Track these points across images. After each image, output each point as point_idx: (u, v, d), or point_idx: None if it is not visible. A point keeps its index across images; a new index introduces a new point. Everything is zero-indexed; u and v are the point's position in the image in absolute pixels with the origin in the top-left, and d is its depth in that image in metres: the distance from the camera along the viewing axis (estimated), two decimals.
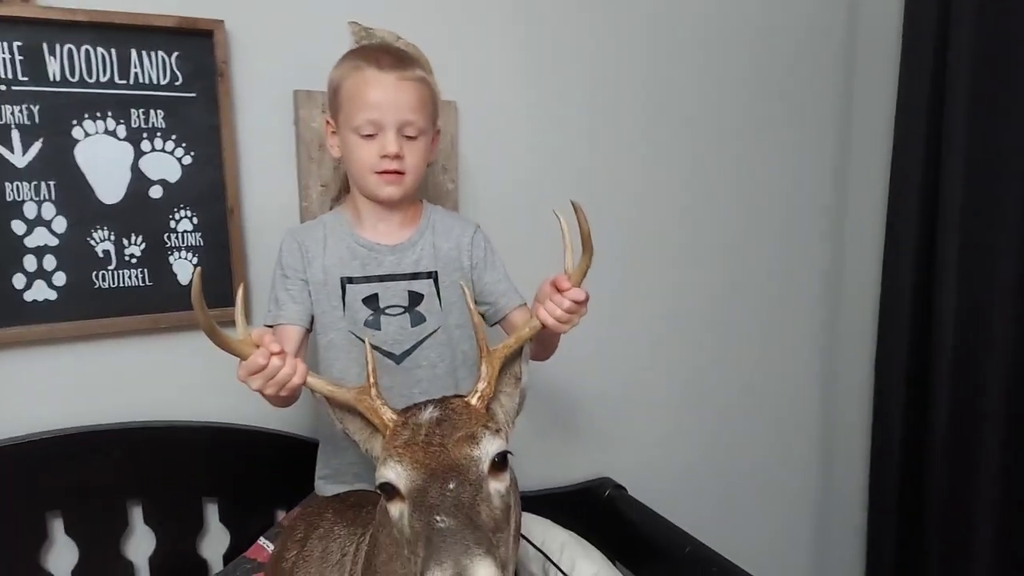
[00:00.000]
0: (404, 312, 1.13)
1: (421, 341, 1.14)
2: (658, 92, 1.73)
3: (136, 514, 1.30)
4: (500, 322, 1.20)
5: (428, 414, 0.79)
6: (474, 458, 0.75)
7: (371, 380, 0.83)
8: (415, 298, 1.14)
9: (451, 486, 0.72)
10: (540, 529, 1.45)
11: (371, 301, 1.13)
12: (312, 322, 1.14)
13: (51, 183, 1.21)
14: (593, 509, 1.72)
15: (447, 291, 1.16)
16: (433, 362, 1.14)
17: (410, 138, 1.10)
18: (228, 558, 1.36)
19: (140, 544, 1.31)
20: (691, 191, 1.81)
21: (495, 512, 0.74)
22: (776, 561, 2.00)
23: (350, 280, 1.12)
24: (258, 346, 0.87)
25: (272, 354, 0.86)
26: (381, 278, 1.13)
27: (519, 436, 0.93)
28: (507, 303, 1.18)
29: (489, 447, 0.76)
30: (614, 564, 1.50)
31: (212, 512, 1.37)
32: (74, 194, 1.22)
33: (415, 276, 1.14)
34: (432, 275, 1.15)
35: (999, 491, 1.71)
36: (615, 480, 1.78)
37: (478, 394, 0.82)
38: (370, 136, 1.08)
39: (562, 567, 1.38)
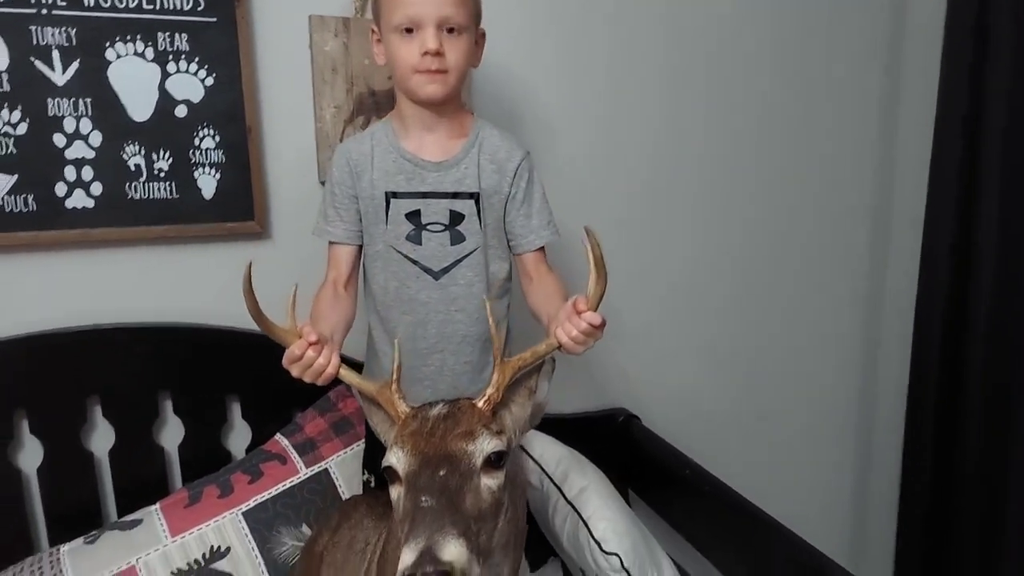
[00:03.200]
0: (445, 230, 1.15)
1: (460, 260, 1.16)
2: (693, 42, 1.71)
3: (167, 406, 1.44)
4: (517, 256, 1.21)
5: (437, 410, 0.85)
6: (467, 451, 0.80)
7: (395, 376, 0.90)
8: (456, 217, 1.15)
9: (441, 472, 0.77)
10: (541, 445, 1.50)
11: (414, 216, 1.15)
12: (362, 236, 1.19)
13: (87, 100, 1.33)
14: (603, 434, 1.75)
15: (488, 212, 1.17)
16: (470, 281, 1.16)
17: (451, 32, 1.08)
18: (250, 452, 1.48)
19: (171, 433, 1.45)
20: (721, 133, 1.79)
21: (482, 504, 0.78)
22: (800, 509, 1.98)
23: (395, 195, 1.15)
24: (300, 336, 0.95)
25: (310, 344, 0.94)
26: (424, 194, 1.15)
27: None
28: (525, 243, 1.19)
29: (485, 444, 0.81)
30: (626, 492, 1.52)
31: (235, 409, 1.49)
32: (108, 111, 1.34)
33: (457, 195, 1.15)
34: (474, 196, 1.16)
35: None
36: (631, 411, 1.80)
37: (485, 398, 0.88)
38: (409, 33, 1.07)
39: (555, 479, 1.43)
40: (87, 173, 1.34)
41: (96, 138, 1.34)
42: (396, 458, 0.81)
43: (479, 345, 1.20)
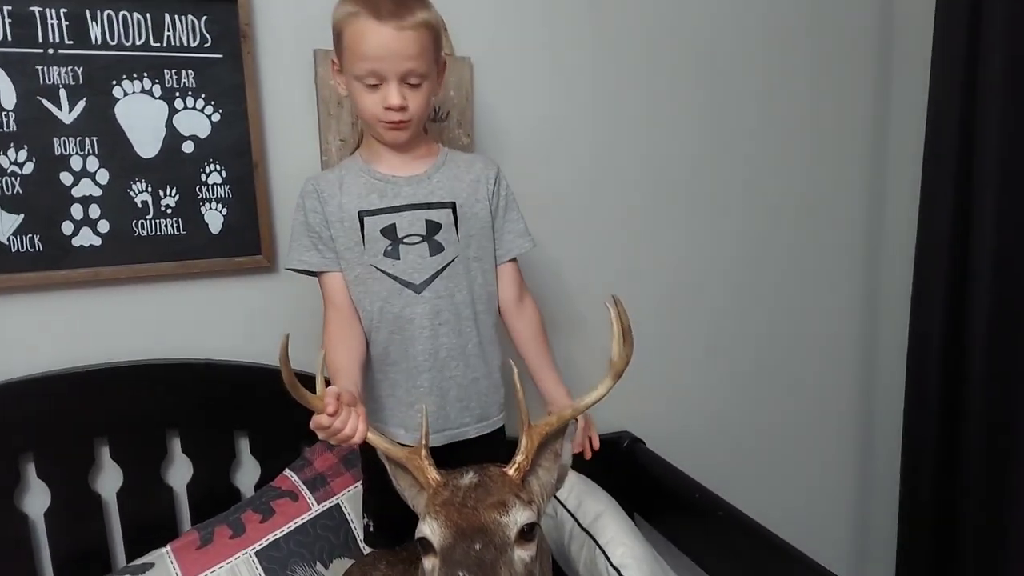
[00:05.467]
0: (422, 241, 1.15)
1: (440, 271, 1.15)
2: (685, 39, 1.74)
3: (175, 444, 1.42)
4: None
5: (468, 479, 0.85)
6: (501, 523, 0.80)
7: (424, 442, 0.91)
8: (433, 227, 1.16)
9: (477, 546, 0.77)
10: None
11: (389, 232, 1.15)
12: None
13: (94, 139, 1.32)
14: (611, 461, 1.75)
15: (466, 222, 1.18)
16: (451, 292, 1.16)
17: (413, 85, 1.11)
18: (258, 488, 1.46)
19: (179, 472, 1.43)
20: (715, 134, 1.82)
21: None
22: (804, 520, 2.00)
23: (368, 213, 1.15)
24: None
25: (334, 411, 0.94)
26: (398, 208, 1.15)
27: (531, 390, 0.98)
28: (503, 252, 1.23)
29: (518, 516, 0.81)
30: (632, 516, 1.53)
31: (244, 445, 1.47)
32: (115, 149, 1.33)
33: (431, 206, 1.16)
34: (450, 205, 1.17)
35: None
36: (634, 434, 1.81)
37: (515, 466, 0.88)
38: (373, 86, 1.10)
39: (568, 506, 1.43)
40: (94, 211, 1.34)
41: (103, 176, 1.34)
42: (430, 529, 0.81)
43: (482, 363, 1.20)
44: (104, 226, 1.34)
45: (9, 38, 1.25)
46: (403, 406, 1.17)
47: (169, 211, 1.38)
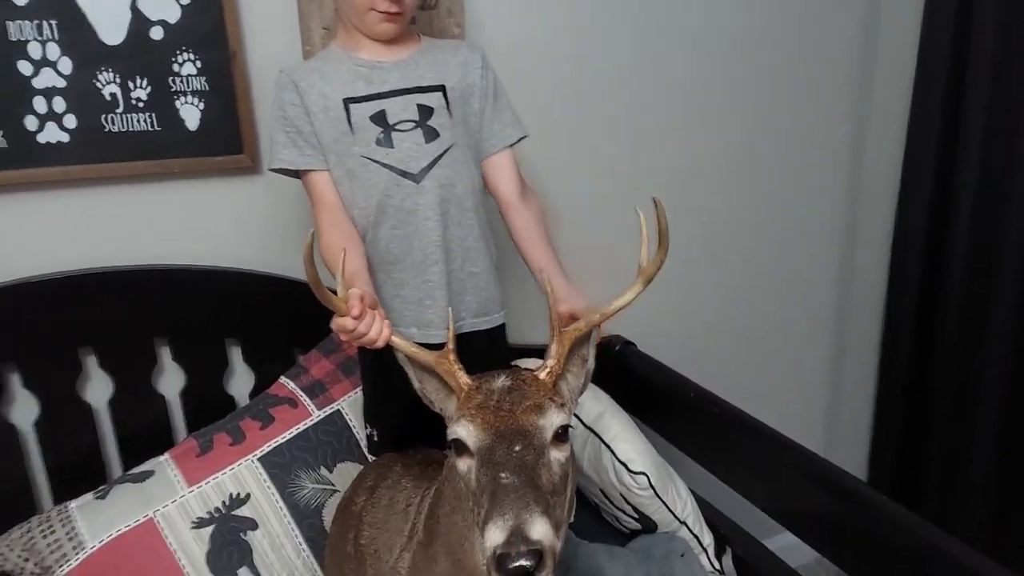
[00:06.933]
0: (416, 127, 1.10)
1: (438, 158, 1.11)
2: None
3: (164, 353, 1.37)
4: (484, 160, 1.19)
5: (500, 382, 0.83)
6: (539, 426, 0.79)
7: (451, 346, 0.88)
8: (425, 112, 1.11)
9: (516, 448, 0.77)
10: None
11: (379, 119, 1.10)
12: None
13: (52, 22, 1.20)
14: (603, 364, 1.76)
15: (457, 106, 1.13)
16: (452, 181, 1.12)
17: None
18: (253, 396, 1.43)
19: (171, 380, 1.39)
20: (712, 43, 1.75)
21: (554, 478, 0.78)
22: (789, 418, 2.07)
23: (353, 100, 1.10)
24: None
25: (359, 315, 0.91)
26: (387, 94, 1.10)
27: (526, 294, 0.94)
28: (496, 140, 1.18)
29: (554, 419, 0.80)
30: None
31: (236, 353, 1.43)
32: (77, 34, 1.21)
33: (422, 89, 1.11)
34: (440, 88, 1.12)
35: (1006, 351, 1.72)
36: (625, 337, 1.82)
37: (547, 370, 0.86)
38: None
39: (597, 430, 1.42)
40: (59, 104, 1.23)
41: (66, 65, 1.22)
42: (466, 432, 0.80)
43: (481, 256, 1.17)
44: (71, 121, 1.24)
45: None
46: (411, 304, 1.14)
47: (141, 105, 1.28)
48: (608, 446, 1.33)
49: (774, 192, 1.95)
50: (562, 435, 0.82)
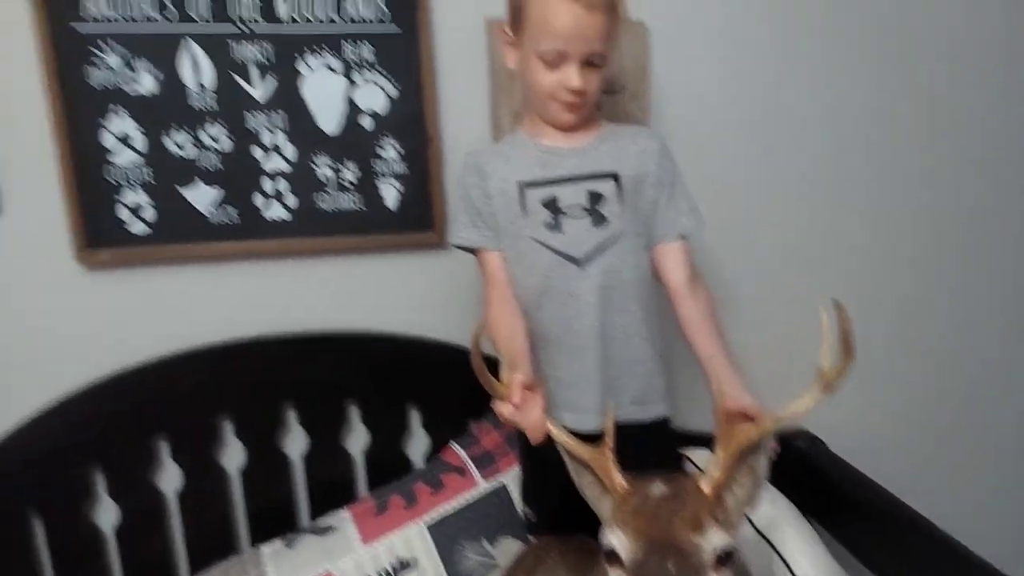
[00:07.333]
0: (585, 213, 1.11)
1: (604, 244, 1.11)
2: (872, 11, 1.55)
3: (354, 413, 1.47)
4: (655, 247, 1.16)
5: (657, 488, 0.80)
6: (695, 544, 0.74)
7: (609, 443, 0.86)
8: (595, 198, 1.12)
9: (670, 565, 0.72)
10: None
11: (551, 204, 1.12)
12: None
13: (282, 114, 1.36)
14: (784, 460, 1.63)
15: (630, 194, 1.13)
16: (616, 267, 1.11)
17: (593, 66, 1.07)
18: (428, 459, 1.49)
19: (357, 439, 1.48)
20: (905, 122, 1.62)
21: None
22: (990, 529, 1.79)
23: (528, 184, 1.13)
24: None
25: (519, 402, 0.94)
26: (560, 180, 1.12)
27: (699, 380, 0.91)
28: (667, 230, 1.15)
29: (714, 539, 0.75)
30: (810, 522, 1.41)
31: (415, 417, 1.50)
32: (301, 124, 1.37)
33: (595, 176, 1.12)
34: (614, 176, 1.13)
35: None
36: (811, 431, 1.67)
37: (711, 480, 0.81)
38: (552, 63, 1.06)
39: (771, 539, 1.32)
40: (282, 185, 1.38)
41: (291, 151, 1.38)
42: (618, 541, 0.77)
43: (643, 343, 1.14)
44: (291, 199, 1.39)
45: (207, 17, 1.31)
46: (566, 386, 1.14)
47: (349, 185, 1.41)
48: (783, 559, 1.21)
49: (968, 277, 1.74)
50: (725, 560, 0.75)
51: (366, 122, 1.39)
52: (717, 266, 1.56)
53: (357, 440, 1.48)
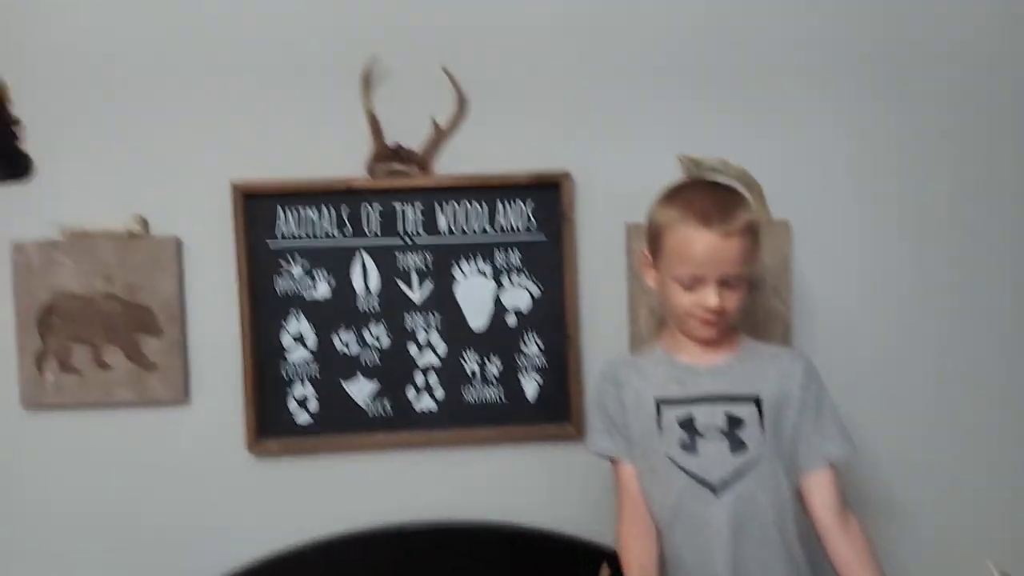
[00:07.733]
0: (723, 437, 1.10)
1: (742, 470, 1.08)
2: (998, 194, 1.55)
3: None
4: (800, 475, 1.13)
5: None
6: None
7: None
8: (734, 422, 1.10)
9: None
10: None
11: (687, 423, 1.11)
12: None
13: (436, 314, 1.49)
14: None
15: (770, 418, 1.10)
16: (754, 495, 1.08)
17: (731, 285, 1.10)
18: None
19: None
20: None
21: None
22: None
23: (665, 402, 1.14)
24: None
25: None
26: (698, 399, 1.12)
27: None
28: (813, 457, 1.12)
29: None
30: None
31: None
32: (452, 323, 1.49)
33: (733, 399, 1.11)
34: (754, 400, 1.11)
35: None
36: None
37: None
38: (689, 286, 1.10)
39: None
40: (433, 379, 1.49)
41: (442, 347, 1.49)
42: None
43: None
44: (440, 393, 1.49)
45: (378, 232, 1.48)
46: None
47: (493, 379, 1.50)
48: None
49: None
50: None
51: (511, 320, 1.50)
52: (860, 473, 1.50)
53: None
